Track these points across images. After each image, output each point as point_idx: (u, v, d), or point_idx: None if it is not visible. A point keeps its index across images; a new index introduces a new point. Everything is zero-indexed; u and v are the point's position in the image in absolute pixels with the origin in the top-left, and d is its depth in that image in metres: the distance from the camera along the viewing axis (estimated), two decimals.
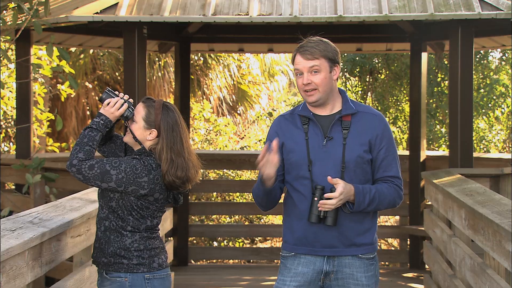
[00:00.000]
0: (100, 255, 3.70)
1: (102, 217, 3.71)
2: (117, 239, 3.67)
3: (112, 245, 3.67)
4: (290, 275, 3.71)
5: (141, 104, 3.76)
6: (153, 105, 3.73)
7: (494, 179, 6.78)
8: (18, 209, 7.67)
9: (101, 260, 3.70)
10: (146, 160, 3.68)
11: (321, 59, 3.65)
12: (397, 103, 13.92)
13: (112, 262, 3.67)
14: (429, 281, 6.60)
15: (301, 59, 3.66)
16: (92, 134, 3.68)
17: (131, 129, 3.75)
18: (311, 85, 3.65)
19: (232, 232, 11.01)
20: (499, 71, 13.66)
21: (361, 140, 3.66)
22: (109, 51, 15.33)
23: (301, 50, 3.68)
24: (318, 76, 3.65)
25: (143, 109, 3.73)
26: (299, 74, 3.68)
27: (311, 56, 3.64)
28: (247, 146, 15.52)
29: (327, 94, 3.68)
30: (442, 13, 7.04)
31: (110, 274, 3.67)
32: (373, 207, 3.64)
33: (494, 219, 3.93)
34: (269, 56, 18.59)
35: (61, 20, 7.31)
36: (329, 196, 3.53)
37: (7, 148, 12.15)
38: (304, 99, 3.71)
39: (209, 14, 7.22)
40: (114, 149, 3.91)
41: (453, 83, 7.39)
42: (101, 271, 3.74)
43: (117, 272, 3.66)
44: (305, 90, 3.67)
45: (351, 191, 3.57)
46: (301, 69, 3.66)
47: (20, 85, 8.54)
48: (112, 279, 3.67)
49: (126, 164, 3.63)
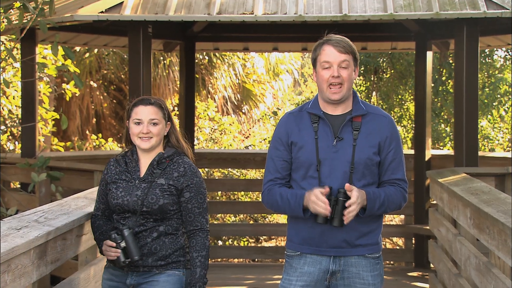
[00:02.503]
0: (154, 259, 3.77)
1: (152, 226, 3.78)
2: (172, 241, 3.80)
3: (169, 247, 3.79)
4: (296, 275, 3.70)
5: (151, 107, 3.83)
6: (159, 103, 3.86)
7: (500, 178, 6.77)
8: (23, 208, 7.67)
9: (156, 263, 3.77)
10: (189, 162, 3.87)
11: (350, 55, 3.62)
12: (402, 102, 13.91)
13: (170, 262, 3.79)
14: (434, 280, 6.59)
15: (333, 51, 3.59)
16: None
17: (159, 133, 3.83)
18: (339, 78, 3.59)
19: (237, 231, 11.02)
20: (503, 70, 13.64)
21: (371, 142, 3.64)
22: (114, 50, 15.34)
23: (333, 43, 3.61)
24: (347, 71, 3.60)
25: (159, 110, 3.84)
26: (327, 67, 3.60)
27: (344, 50, 3.59)
28: (252, 145, 15.51)
29: (348, 92, 3.65)
30: (447, 11, 7.03)
31: (167, 271, 3.78)
32: (382, 210, 3.65)
33: (500, 218, 3.92)
34: (274, 55, 18.59)
35: (66, 19, 7.31)
36: (349, 204, 3.51)
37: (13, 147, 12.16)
38: (327, 95, 3.63)
39: (214, 13, 7.22)
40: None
41: (458, 82, 7.38)
42: (149, 271, 3.78)
43: (175, 269, 3.79)
44: (331, 84, 3.59)
45: (363, 196, 3.56)
46: (332, 62, 3.59)
47: (25, 84, 8.55)
48: (169, 272, 3.79)
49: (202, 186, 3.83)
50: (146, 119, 3.81)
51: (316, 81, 3.69)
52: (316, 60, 3.66)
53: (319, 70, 3.64)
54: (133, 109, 3.86)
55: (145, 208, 3.74)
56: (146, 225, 3.77)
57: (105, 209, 3.94)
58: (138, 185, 3.80)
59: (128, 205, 3.77)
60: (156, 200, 3.75)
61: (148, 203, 3.74)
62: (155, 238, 3.77)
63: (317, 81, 3.68)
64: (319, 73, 3.64)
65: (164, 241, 3.78)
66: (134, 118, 3.83)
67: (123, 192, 3.80)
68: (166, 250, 3.78)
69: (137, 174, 3.84)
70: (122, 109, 16.48)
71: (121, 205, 3.79)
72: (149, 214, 3.75)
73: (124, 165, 3.88)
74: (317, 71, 3.66)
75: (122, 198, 3.79)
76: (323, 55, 3.61)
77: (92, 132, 15.79)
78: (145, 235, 3.77)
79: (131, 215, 3.78)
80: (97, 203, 3.97)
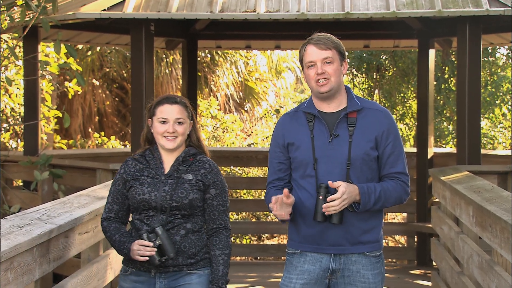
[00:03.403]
0: (184, 257, 3.70)
1: (179, 223, 3.71)
2: (198, 238, 3.74)
3: (197, 244, 3.73)
4: (296, 273, 3.70)
5: (177, 106, 3.77)
6: (184, 101, 3.81)
7: (502, 176, 6.77)
8: (26, 206, 7.68)
9: (187, 262, 3.71)
10: (212, 161, 3.85)
11: (334, 51, 3.64)
12: (404, 100, 13.91)
13: (199, 260, 3.73)
14: (436, 278, 6.59)
15: (314, 50, 3.63)
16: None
17: (184, 132, 3.79)
18: (325, 74, 3.61)
19: (239, 229, 11.00)
20: (505, 68, 13.62)
21: (367, 136, 3.64)
22: (116, 48, 15.35)
23: (313, 41, 3.65)
24: (331, 67, 3.62)
25: (184, 109, 3.79)
26: (311, 66, 3.64)
27: (325, 47, 3.62)
28: (254, 143, 15.52)
29: (338, 86, 3.66)
30: (450, 9, 7.02)
31: (198, 272, 3.73)
32: (379, 205, 3.63)
33: (502, 216, 3.92)
34: (276, 53, 18.58)
35: (69, 17, 7.32)
36: (332, 198, 3.51)
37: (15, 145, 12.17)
38: (316, 90, 3.65)
39: (216, 11, 7.22)
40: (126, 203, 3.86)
41: (461, 80, 7.37)
42: (180, 271, 3.72)
43: (204, 268, 3.75)
44: (317, 80, 3.63)
45: (355, 191, 3.55)
46: (315, 60, 3.63)
47: (28, 82, 8.56)
48: (199, 272, 3.73)
49: (226, 185, 3.84)
50: (172, 118, 3.74)
51: (306, 82, 3.73)
52: (302, 61, 3.71)
53: (305, 70, 3.69)
54: (157, 107, 3.78)
55: (174, 203, 3.67)
56: (174, 222, 3.69)
57: (119, 211, 3.79)
58: (164, 180, 3.72)
59: (155, 201, 3.67)
60: (186, 194, 3.69)
61: (178, 197, 3.67)
62: (184, 236, 3.70)
63: (306, 81, 3.73)
64: (305, 72, 3.69)
65: (192, 238, 3.72)
66: (159, 117, 3.75)
67: (149, 187, 3.70)
68: (195, 247, 3.72)
69: (161, 171, 3.75)
70: (125, 107, 16.49)
71: (147, 200, 3.68)
72: (178, 209, 3.68)
73: (145, 162, 3.78)
74: (304, 71, 3.72)
75: (149, 193, 3.68)
76: (306, 55, 3.66)
77: (95, 130, 15.80)
78: (172, 233, 3.68)
79: (155, 213, 3.69)
80: (110, 205, 3.81)
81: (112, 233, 3.74)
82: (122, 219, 3.80)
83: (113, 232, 3.74)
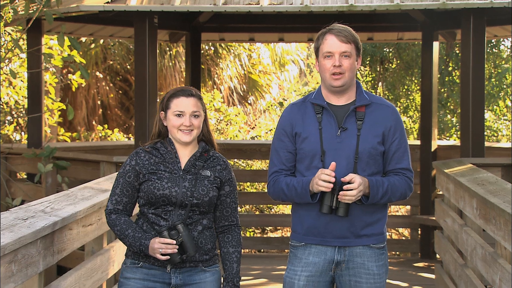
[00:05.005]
0: (200, 253, 3.65)
1: (197, 219, 3.66)
2: (211, 234, 3.71)
3: (210, 241, 3.69)
4: (301, 265, 3.70)
5: (192, 99, 3.67)
6: (199, 94, 3.72)
7: (506, 169, 6.76)
8: (30, 198, 7.70)
9: (202, 258, 3.67)
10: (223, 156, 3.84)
11: (352, 45, 3.61)
12: (408, 92, 13.89)
13: (211, 256, 3.70)
14: (440, 271, 6.59)
15: (335, 41, 3.59)
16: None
17: (199, 125, 3.72)
18: (341, 68, 3.59)
19: (242, 222, 10.97)
20: (509, 60, 13.59)
21: (375, 131, 3.64)
22: (119, 41, 15.35)
23: (335, 32, 3.60)
24: (348, 61, 3.60)
25: (199, 102, 3.69)
26: (329, 56, 3.60)
27: (346, 39, 3.59)
28: (258, 136, 15.51)
29: (351, 81, 3.65)
30: (454, 1, 7.00)
31: (210, 267, 3.70)
32: (386, 199, 3.64)
33: (506, 208, 3.92)
34: (279, 45, 18.55)
35: (72, 9, 7.32)
36: (349, 188, 3.50)
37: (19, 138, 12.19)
38: (329, 82, 3.62)
39: (220, 3, 7.21)
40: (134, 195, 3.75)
41: (464, 73, 7.36)
42: (195, 267, 3.67)
43: (215, 264, 3.72)
44: (333, 73, 3.60)
45: (366, 184, 3.55)
46: (333, 51, 3.59)
47: (32, 75, 8.56)
48: (213, 270, 3.70)
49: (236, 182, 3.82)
50: (189, 112, 3.64)
51: (319, 71, 3.68)
52: (318, 50, 3.65)
53: (321, 59, 3.63)
54: (172, 100, 3.67)
55: (195, 200, 3.60)
56: (193, 218, 3.64)
57: (127, 203, 3.66)
58: (183, 176, 3.64)
59: (176, 197, 3.59)
60: (207, 192, 3.63)
61: (198, 194, 3.61)
62: (200, 232, 3.65)
63: (319, 71, 3.68)
64: (321, 62, 3.64)
65: (206, 234, 3.68)
66: (175, 110, 3.64)
67: (169, 183, 3.60)
68: (209, 243, 3.68)
69: (178, 165, 3.66)
70: (128, 99, 16.50)
71: (167, 196, 3.59)
72: (197, 206, 3.61)
73: (160, 156, 3.68)
74: (319, 61, 3.66)
75: (169, 189, 3.59)
76: (325, 45, 3.61)
77: (98, 123, 15.81)
78: (190, 229, 3.62)
79: (173, 208, 3.61)
80: (119, 197, 3.65)
81: (124, 227, 3.60)
82: (129, 211, 3.70)
83: (124, 226, 3.60)
